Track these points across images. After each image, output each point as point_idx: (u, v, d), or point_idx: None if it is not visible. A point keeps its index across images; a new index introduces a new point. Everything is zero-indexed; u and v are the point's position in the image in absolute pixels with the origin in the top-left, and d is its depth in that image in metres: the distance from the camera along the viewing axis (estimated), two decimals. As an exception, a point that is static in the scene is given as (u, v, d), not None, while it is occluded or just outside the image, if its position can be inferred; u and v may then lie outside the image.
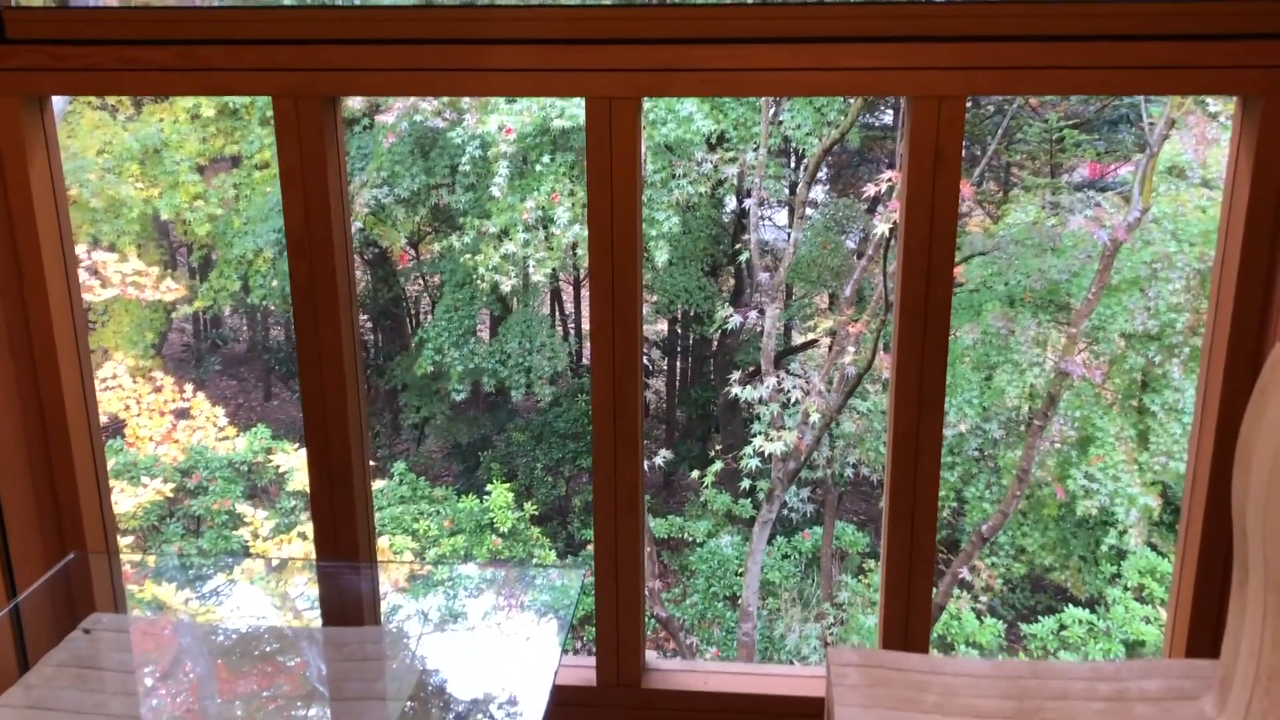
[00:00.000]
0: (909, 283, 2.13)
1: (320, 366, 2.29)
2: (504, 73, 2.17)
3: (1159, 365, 8.12)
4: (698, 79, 2.16)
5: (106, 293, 8.55)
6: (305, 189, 2.27)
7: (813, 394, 6.21)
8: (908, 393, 2.04)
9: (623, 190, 2.24)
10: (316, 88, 2.20)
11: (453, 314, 9.91)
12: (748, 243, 6.95)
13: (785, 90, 2.19)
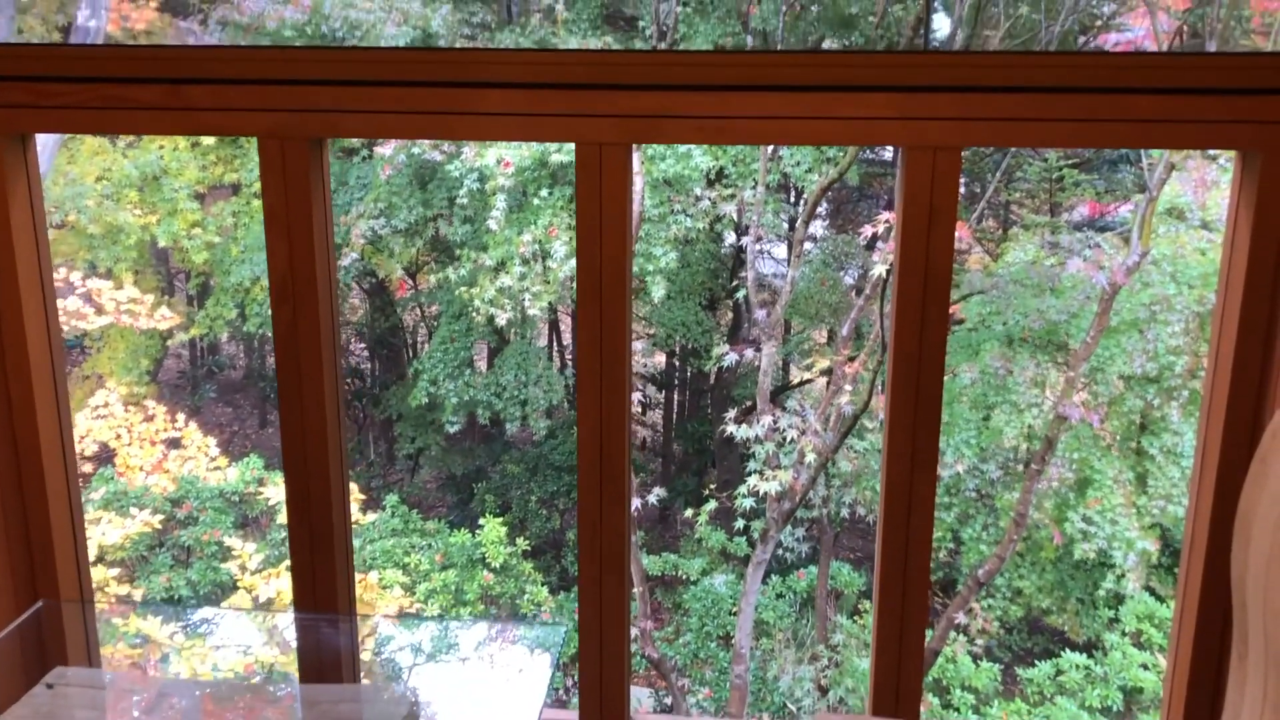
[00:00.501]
0: (902, 338, 2.08)
1: (302, 412, 2.24)
2: (494, 117, 2.13)
3: (1158, 408, 8.07)
4: (689, 126, 2.13)
5: (100, 320, 8.51)
6: (290, 231, 2.22)
7: (809, 433, 6.16)
8: (900, 450, 1.99)
9: (612, 237, 2.20)
10: (303, 129, 2.17)
11: (448, 345, 9.87)
12: (745, 279, 6.91)
13: (778, 139, 2.15)
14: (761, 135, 2.11)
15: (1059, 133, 2.00)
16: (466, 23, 8.90)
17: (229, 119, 2.14)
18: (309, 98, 2.10)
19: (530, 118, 2.07)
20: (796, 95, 1.99)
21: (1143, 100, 1.91)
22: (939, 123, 2.00)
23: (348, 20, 8.23)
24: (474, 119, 2.10)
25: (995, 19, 6.72)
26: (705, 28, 9.02)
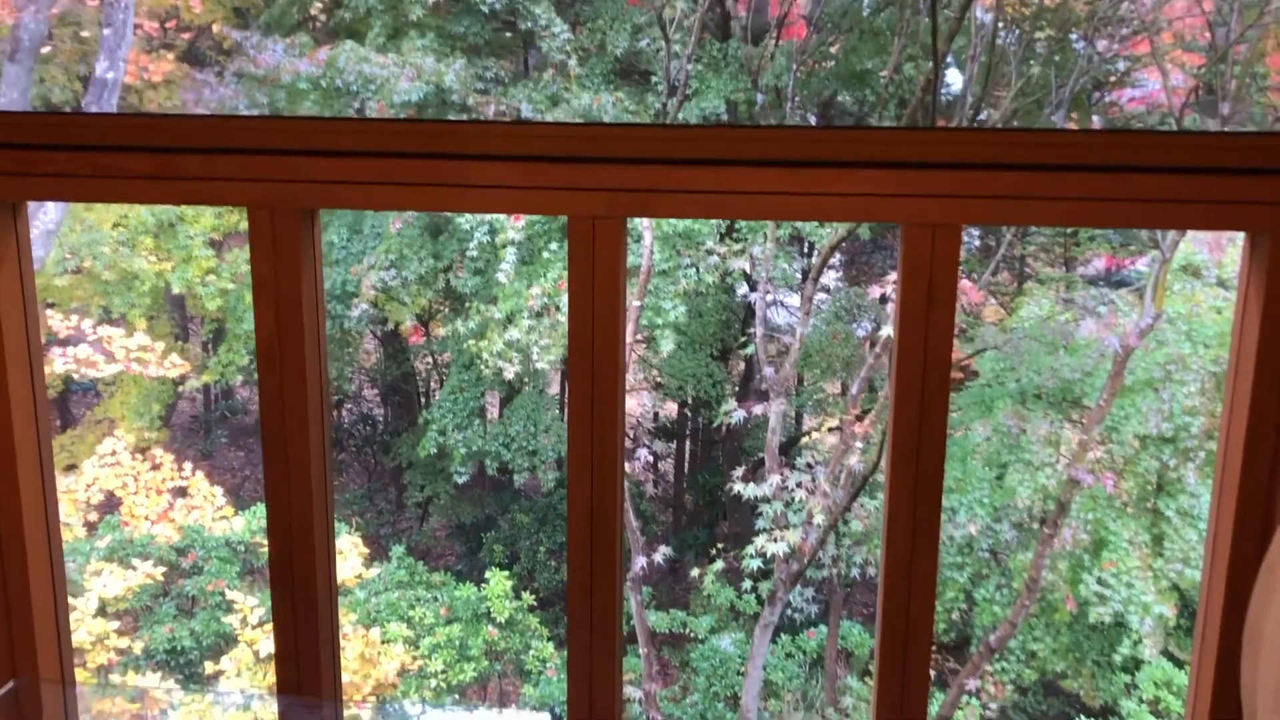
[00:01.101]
0: (901, 420, 2.02)
1: (289, 486, 2.18)
2: (485, 189, 2.10)
3: (1174, 469, 7.95)
4: (684, 200, 2.08)
5: (111, 368, 8.52)
6: (279, 302, 2.18)
7: (817, 493, 6.07)
8: (900, 539, 1.93)
9: (605, 312, 2.15)
10: (294, 199, 2.13)
11: (458, 395, 9.84)
12: (754, 336, 6.87)
13: (774, 214, 2.11)
14: (757, 210, 2.07)
15: (1062, 211, 1.95)
16: (480, 78, 8.97)
17: (219, 188, 2.12)
18: (299, 168, 2.07)
19: (522, 190, 2.04)
20: (793, 171, 1.95)
21: (1148, 179, 1.86)
22: (939, 200, 1.96)
23: (362, 75, 8.30)
24: (465, 191, 2.06)
25: (1007, 78, 6.72)
26: (717, 83, 9.07)
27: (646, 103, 9.30)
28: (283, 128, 2.19)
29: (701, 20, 7.36)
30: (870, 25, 8.96)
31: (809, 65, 8.79)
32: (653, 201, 2.11)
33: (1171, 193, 1.90)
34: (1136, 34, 11.72)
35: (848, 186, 1.98)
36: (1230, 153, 1.84)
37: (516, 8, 8.81)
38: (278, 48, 8.66)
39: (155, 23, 9.44)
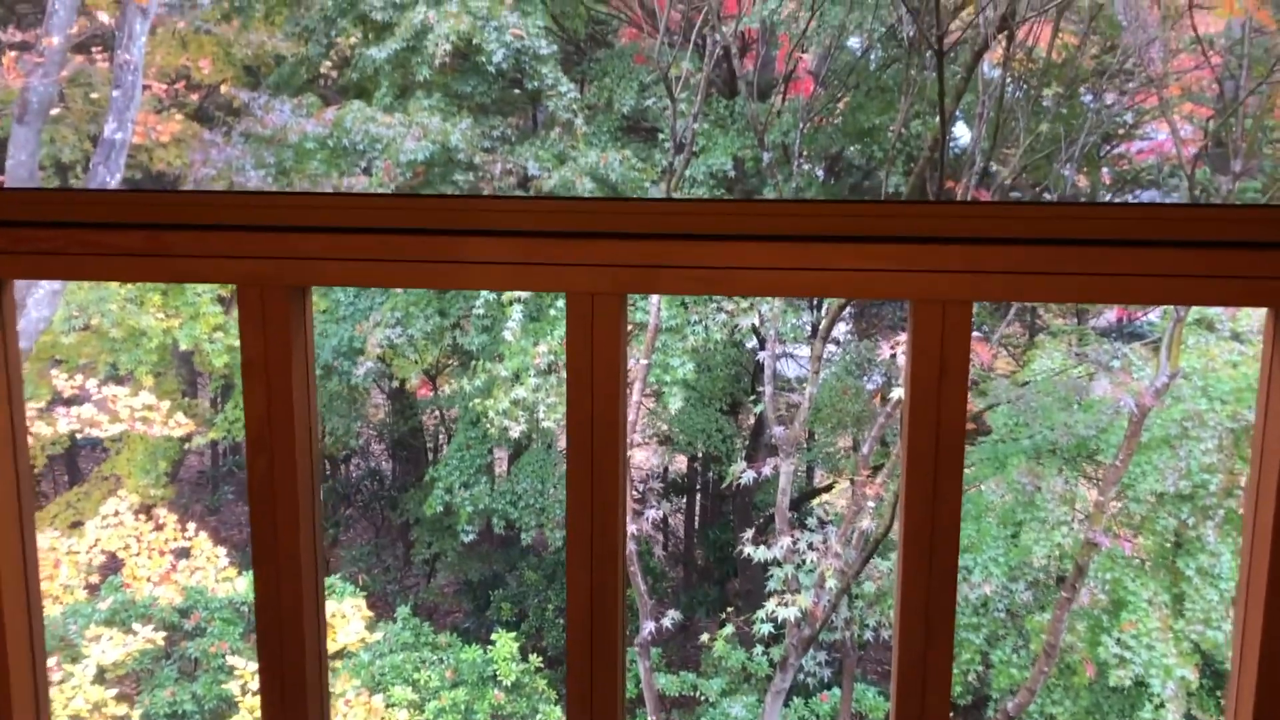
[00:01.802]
0: (914, 498, 1.93)
1: (278, 573, 2.10)
2: (481, 265, 2.04)
3: (1193, 527, 7.81)
4: (686, 276, 2.01)
5: (114, 428, 8.47)
6: (269, 381, 2.12)
7: (829, 555, 5.96)
8: (913, 626, 1.83)
9: (605, 392, 2.08)
10: (284, 277, 2.07)
11: (465, 453, 9.76)
12: (763, 394, 6.79)
13: (779, 290, 2.05)
14: (762, 287, 2.01)
15: (1074, 287, 1.89)
16: (486, 136, 9.01)
17: (208, 266, 2.07)
18: (290, 245, 2.02)
19: (519, 266, 1.98)
20: (798, 246, 1.90)
21: (1164, 253, 1.80)
22: (948, 275, 1.89)
23: (369, 134, 8.34)
24: (460, 268, 2.01)
25: (1015, 134, 6.71)
26: (724, 141, 9.09)
27: (654, 159, 9.32)
28: (274, 203, 2.14)
29: (708, 79, 7.39)
30: (877, 82, 9.00)
31: (815, 121, 8.80)
32: (655, 278, 2.05)
33: (1188, 267, 1.83)
34: (1143, 87, 11.76)
35: (855, 261, 1.91)
36: (1249, 225, 1.77)
37: (524, 67, 8.87)
38: (285, 108, 8.73)
39: (165, 84, 9.54)
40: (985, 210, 1.96)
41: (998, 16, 4.79)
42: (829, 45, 8.39)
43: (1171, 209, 1.89)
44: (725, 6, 8.91)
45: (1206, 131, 11.41)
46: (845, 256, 1.94)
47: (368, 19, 8.82)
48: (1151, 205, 1.85)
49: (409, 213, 2.12)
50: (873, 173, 10.91)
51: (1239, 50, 7.04)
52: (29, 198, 2.48)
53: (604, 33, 11.57)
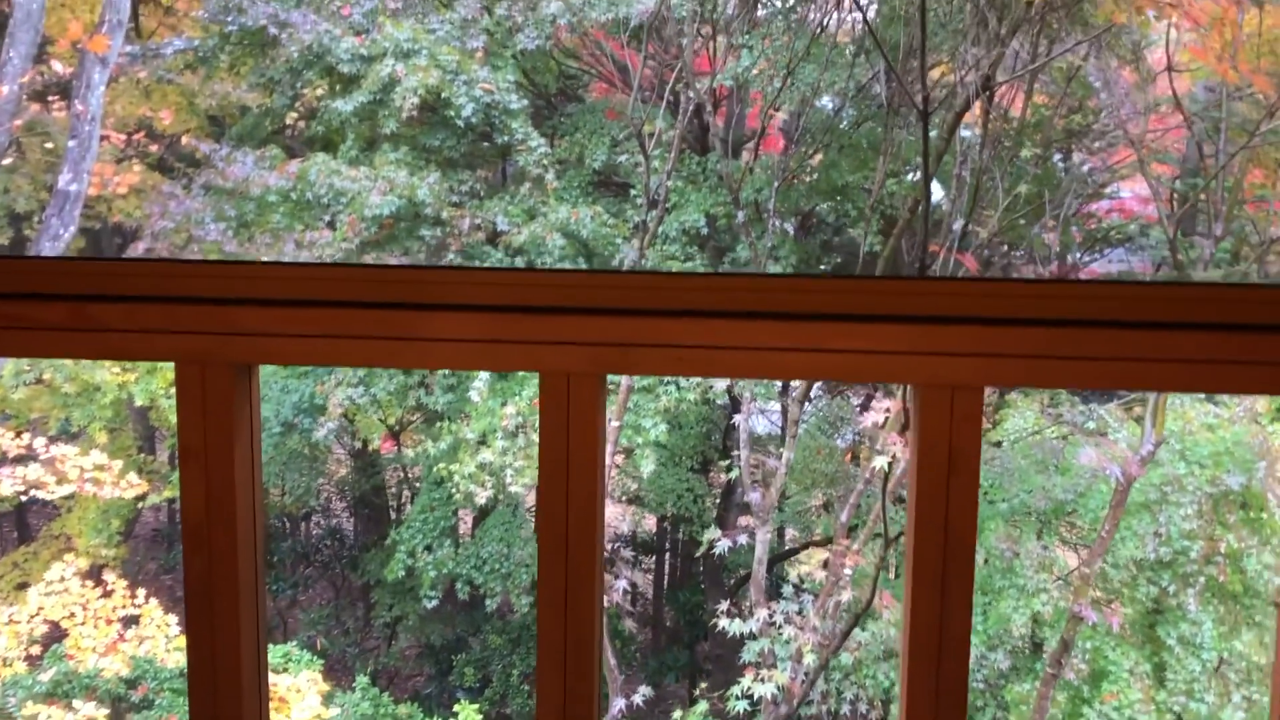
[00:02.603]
0: (919, 613, 1.73)
1: (214, 690, 1.87)
2: (447, 343, 1.84)
3: (1173, 595, 7.67)
4: (669, 356, 1.81)
5: (62, 489, 8.14)
6: (208, 470, 1.89)
7: (807, 630, 5.76)
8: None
9: (581, 479, 1.88)
10: (227, 354, 1.85)
11: (428, 515, 9.49)
12: (739, 459, 6.63)
13: (771, 373, 1.86)
14: (751, 368, 1.83)
15: (1093, 372, 1.72)
16: (454, 190, 8.87)
17: (142, 341, 1.85)
18: (234, 319, 1.81)
19: (488, 344, 1.79)
20: (792, 324, 1.72)
21: (1188, 337, 1.64)
22: (957, 359, 1.71)
23: (333, 188, 8.16)
24: (424, 345, 1.81)
25: (994, 195, 6.66)
26: (696, 197, 9.00)
27: (625, 215, 9.21)
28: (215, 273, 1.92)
29: (681, 136, 7.31)
30: (850, 140, 8.97)
31: (788, 179, 8.74)
32: (636, 357, 1.84)
33: (1213, 352, 1.66)
34: (1111, 147, 11.86)
35: (855, 342, 1.73)
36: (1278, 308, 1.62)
37: (493, 121, 8.76)
38: (248, 160, 8.54)
39: (123, 134, 9.33)
40: (997, 288, 1.77)
41: (980, 78, 4.73)
42: (801, 103, 8.37)
43: (1203, 289, 1.72)
44: (697, 64, 8.88)
45: (1174, 191, 11.50)
46: (844, 336, 1.75)
47: (334, 71, 8.69)
48: (1178, 284, 1.69)
49: (366, 284, 1.90)
50: (843, 229, 10.87)
51: (1214, 114, 7.07)
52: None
53: (574, 87, 11.52)
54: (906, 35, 6.38)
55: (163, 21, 11.97)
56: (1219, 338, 1.62)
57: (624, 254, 8.57)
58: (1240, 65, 4.22)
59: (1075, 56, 6.13)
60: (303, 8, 8.99)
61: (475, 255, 8.80)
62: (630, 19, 8.70)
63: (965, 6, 5.29)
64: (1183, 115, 6.65)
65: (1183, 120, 7.91)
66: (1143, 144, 7.25)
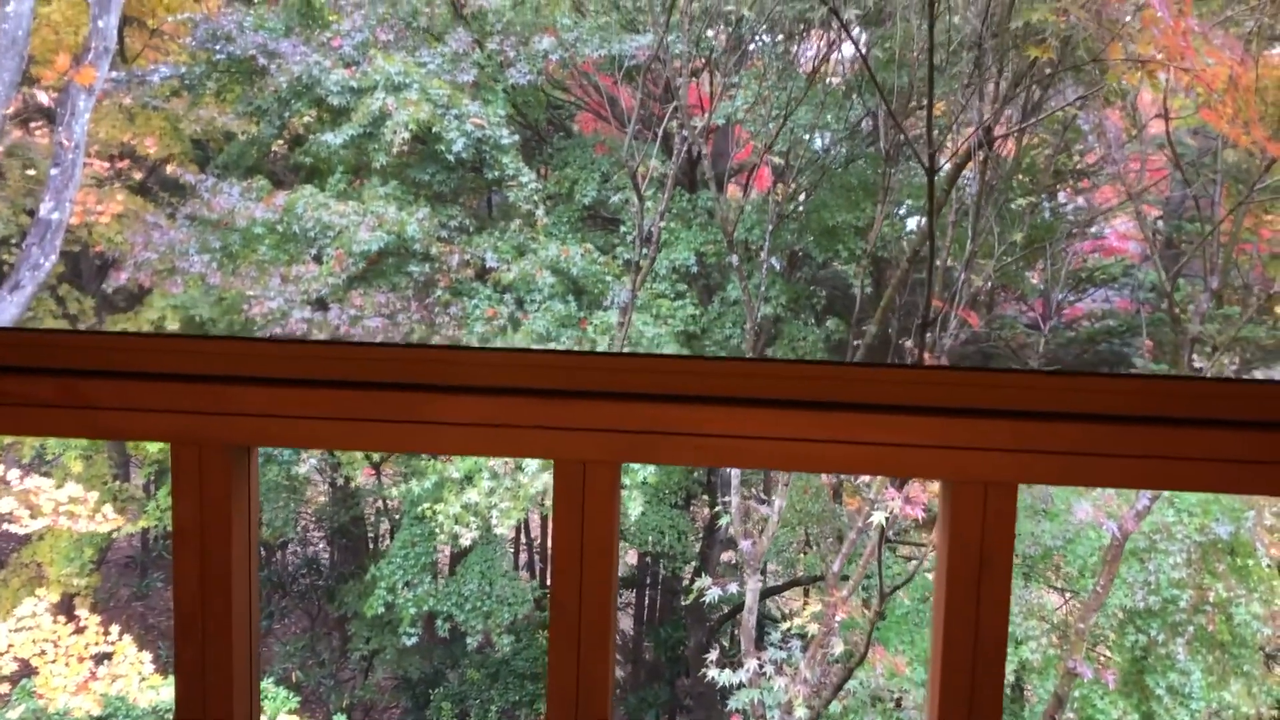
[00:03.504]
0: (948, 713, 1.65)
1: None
2: (457, 427, 1.75)
3: (1162, 644, 7.61)
4: (690, 444, 1.73)
5: (36, 523, 7.95)
6: (204, 553, 1.80)
7: (797, 681, 5.66)
8: None
9: (595, 571, 1.79)
10: (225, 435, 1.76)
11: (409, 550, 9.33)
12: (729, 504, 6.54)
13: (795, 465, 1.78)
14: (779, 460, 1.75)
15: (1136, 471, 1.65)
16: (444, 225, 8.77)
17: (136, 420, 1.76)
18: (233, 398, 1.72)
19: (500, 429, 1.71)
20: (819, 415, 1.64)
21: (1234, 436, 1.58)
22: (991, 454, 1.64)
23: (320, 222, 8.05)
24: (433, 429, 1.73)
25: (988, 240, 6.63)
26: (686, 235, 8.96)
27: (615, 250, 9.14)
28: (213, 350, 1.83)
29: (675, 177, 7.26)
30: (841, 180, 8.96)
31: (780, 219, 8.70)
32: (654, 446, 1.75)
33: (1267, 452, 1.61)
34: (1097, 185, 11.91)
35: (884, 435, 1.65)
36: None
37: (484, 156, 8.69)
38: (234, 191, 8.43)
39: (107, 162, 9.20)
40: (1033, 381, 1.70)
41: (979, 128, 4.71)
42: (792, 143, 8.34)
43: (1250, 385, 1.65)
44: (688, 99, 8.86)
45: (1155, 232, 11.54)
46: (877, 428, 1.67)
47: (324, 102, 8.60)
48: (1226, 381, 1.62)
49: (372, 364, 1.81)
50: (829, 263, 10.85)
51: (1206, 162, 7.09)
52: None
53: (561, 117, 11.47)
54: (903, 82, 6.38)
55: (148, 44, 11.87)
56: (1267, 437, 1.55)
57: (614, 292, 8.50)
58: (1254, 130, 4.21)
59: (1072, 105, 6.14)
60: (292, 38, 8.91)
61: (464, 292, 8.70)
62: (623, 56, 8.67)
63: (963, 54, 5.28)
64: (1179, 170, 6.66)
65: (1171, 164, 7.94)
66: (1134, 188, 7.26)
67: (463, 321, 8.37)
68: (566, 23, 9.10)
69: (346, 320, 7.98)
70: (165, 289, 8.86)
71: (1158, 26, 3.53)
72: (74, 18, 10.04)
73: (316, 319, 8.06)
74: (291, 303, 7.97)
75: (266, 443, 1.82)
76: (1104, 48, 4.01)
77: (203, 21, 9.27)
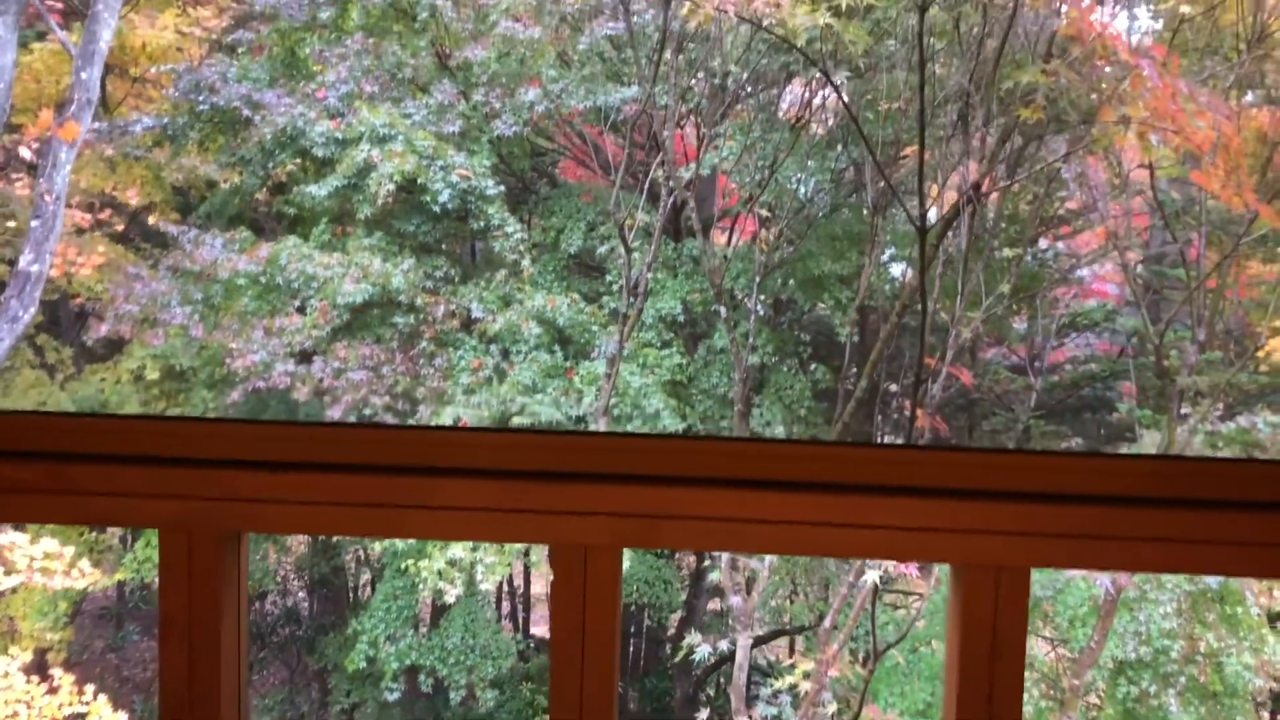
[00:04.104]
0: None
1: None
2: (454, 511, 1.70)
3: (1154, 695, 7.56)
4: (696, 528, 1.69)
5: (9, 580, 7.79)
6: (192, 641, 1.73)
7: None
8: None
9: (596, 660, 1.74)
10: (216, 521, 1.70)
11: (391, 603, 9.19)
12: (717, 559, 6.48)
13: (802, 549, 1.74)
14: (785, 544, 1.71)
15: (1151, 555, 1.62)
16: (429, 277, 8.74)
17: (124, 506, 1.70)
18: (224, 483, 1.67)
19: (498, 513, 1.66)
20: (828, 498, 1.61)
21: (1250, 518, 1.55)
22: (1003, 537, 1.61)
23: (304, 273, 8.00)
24: (429, 514, 1.68)
25: (975, 292, 6.65)
26: (672, 284, 8.95)
27: (601, 301, 9.11)
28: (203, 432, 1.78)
29: (662, 228, 7.27)
30: (827, 230, 8.99)
31: (767, 270, 8.70)
32: (658, 529, 1.72)
33: (1277, 534, 1.58)
34: (1078, 231, 12.02)
35: (892, 518, 1.62)
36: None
37: (470, 207, 8.68)
38: (216, 242, 8.38)
39: (87, 213, 9.14)
40: (1047, 462, 1.67)
41: (969, 185, 4.73)
42: (778, 194, 8.38)
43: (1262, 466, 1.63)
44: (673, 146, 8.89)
45: (1136, 277, 11.62)
46: (881, 511, 1.64)
47: (308, 154, 8.58)
48: (1248, 462, 1.59)
49: (367, 446, 1.77)
50: (812, 308, 10.85)
51: (1191, 211, 7.15)
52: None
53: (545, 164, 11.49)
54: (887, 133, 6.43)
55: (130, 92, 11.85)
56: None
57: (601, 341, 8.46)
58: (1246, 193, 4.25)
59: (1056, 156, 6.20)
60: (276, 89, 8.90)
61: (449, 342, 8.64)
62: (609, 108, 8.70)
63: (947, 107, 5.33)
64: (1167, 226, 6.70)
65: (1155, 214, 8.01)
66: (1120, 236, 7.31)
67: (448, 373, 8.32)
68: (552, 74, 9.14)
69: (330, 373, 7.91)
70: (146, 340, 8.77)
71: (1147, 88, 3.56)
72: (56, 67, 10.02)
73: (300, 371, 7.99)
74: (275, 355, 7.90)
75: (258, 529, 1.76)
76: (1093, 107, 4.05)
77: (186, 72, 9.26)
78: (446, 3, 9.11)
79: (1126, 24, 8.71)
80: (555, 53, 9.49)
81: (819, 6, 4.03)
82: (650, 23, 8.77)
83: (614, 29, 8.98)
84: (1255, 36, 5.25)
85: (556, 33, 9.14)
